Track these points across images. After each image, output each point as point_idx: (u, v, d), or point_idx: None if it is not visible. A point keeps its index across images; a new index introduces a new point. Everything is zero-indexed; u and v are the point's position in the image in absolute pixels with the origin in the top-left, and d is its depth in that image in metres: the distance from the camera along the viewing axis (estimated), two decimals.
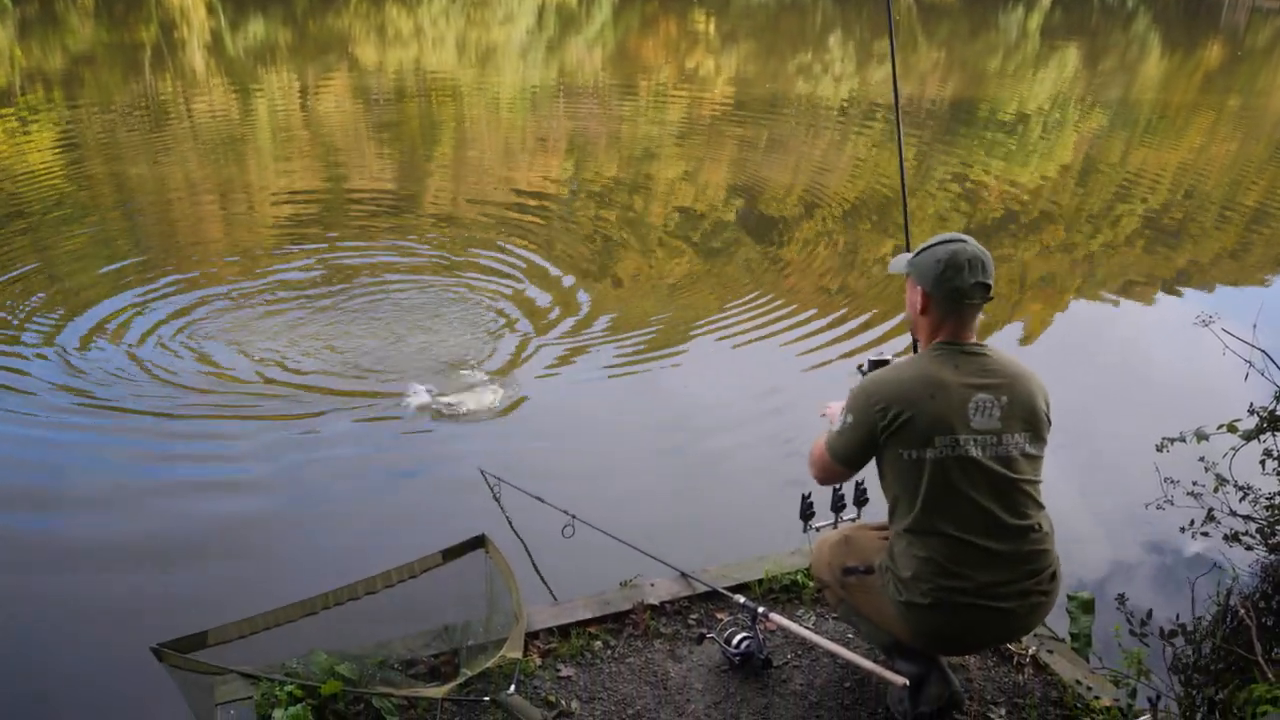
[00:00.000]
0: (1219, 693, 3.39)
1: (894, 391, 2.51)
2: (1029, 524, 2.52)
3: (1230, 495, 4.25)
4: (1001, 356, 2.57)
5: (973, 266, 2.48)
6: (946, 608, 2.52)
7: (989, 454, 2.48)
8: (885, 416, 2.49)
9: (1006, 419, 2.48)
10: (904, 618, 2.60)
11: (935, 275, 2.51)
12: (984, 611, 2.53)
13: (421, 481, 4.85)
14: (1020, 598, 2.54)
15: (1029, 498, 2.53)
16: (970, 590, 2.50)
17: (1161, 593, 4.23)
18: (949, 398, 2.47)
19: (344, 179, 10.93)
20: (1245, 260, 9.56)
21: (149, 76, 18.20)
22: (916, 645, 2.71)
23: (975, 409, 2.47)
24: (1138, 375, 6.33)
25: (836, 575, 2.82)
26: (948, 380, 2.49)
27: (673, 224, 9.52)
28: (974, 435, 2.47)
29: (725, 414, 5.52)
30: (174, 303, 6.76)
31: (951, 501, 2.49)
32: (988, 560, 2.50)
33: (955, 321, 2.55)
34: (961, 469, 2.47)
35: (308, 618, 2.97)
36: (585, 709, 2.87)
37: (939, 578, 2.51)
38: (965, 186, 11.52)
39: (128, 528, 4.37)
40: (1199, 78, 25.64)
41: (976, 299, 2.51)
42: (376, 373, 5.81)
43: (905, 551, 2.56)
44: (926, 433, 2.47)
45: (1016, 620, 2.61)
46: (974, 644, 2.85)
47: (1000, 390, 2.49)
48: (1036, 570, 2.55)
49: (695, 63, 22.55)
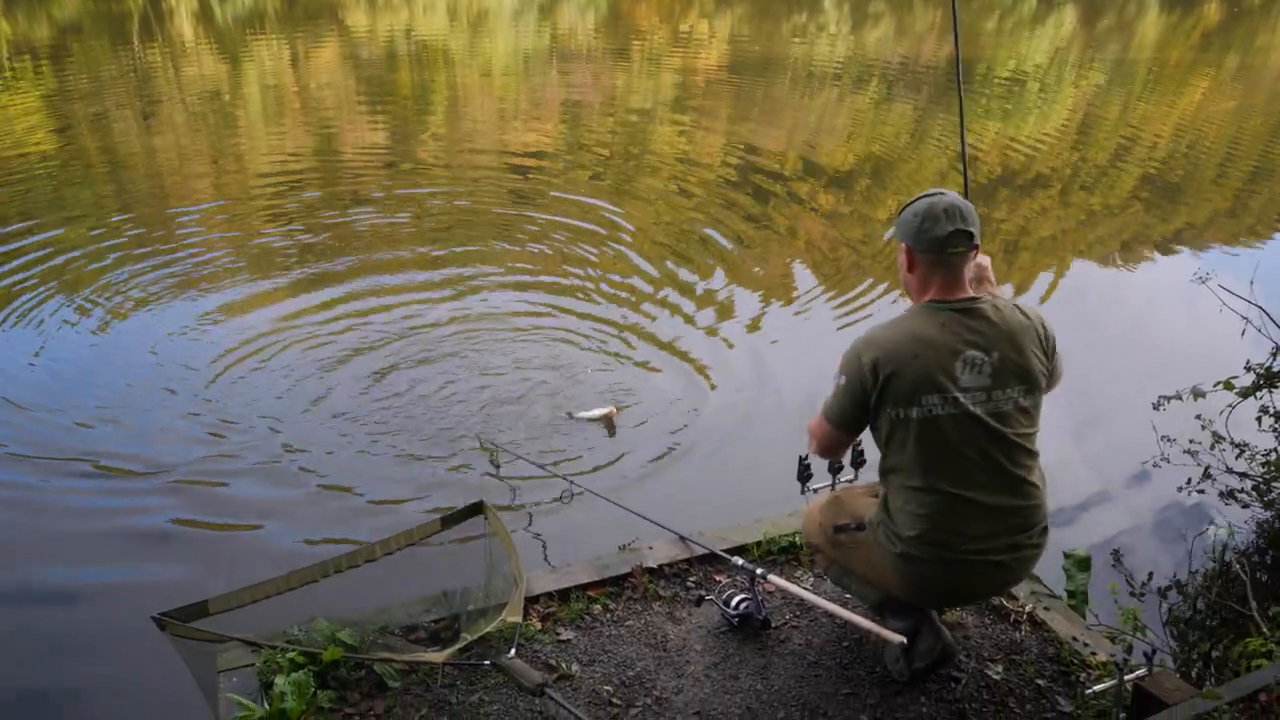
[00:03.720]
0: (1214, 648, 3.43)
1: (880, 350, 2.50)
2: (1022, 477, 2.53)
3: (1227, 453, 4.27)
4: (996, 309, 2.50)
5: (950, 214, 2.46)
6: (941, 561, 2.54)
7: (981, 410, 2.46)
8: (875, 375, 2.49)
9: (997, 374, 2.46)
10: (898, 570, 2.61)
11: (915, 229, 2.50)
12: (977, 564, 2.54)
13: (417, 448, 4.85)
14: (1012, 551, 2.56)
15: (1023, 450, 2.54)
16: (964, 544, 2.51)
17: (1158, 550, 4.25)
18: (936, 356, 2.45)
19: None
20: (1243, 219, 9.54)
21: (137, 45, 17.99)
22: (910, 598, 2.73)
23: (964, 365, 2.45)
24: (1135, 334, 6.33)
25: (828, 535, 2.83)
26: (934, 338, 2.47)
27: (664, 189, 9.46)
28: (963, 392, 2.45)
29: (721, 379, 5.52)
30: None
31: (944, 458, 2.49)
32: (981, 515, 2.50)
33: (942, 275, 2.51)
34: (954, 425, 2.46)
35: (308, 585, 2.98)
36: (585, 671, 2.89)
37: (934, 532, 2.51)
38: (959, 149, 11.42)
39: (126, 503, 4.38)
40: (1197, 36, 25.44)
41: (960, 247, 2.47)
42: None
43: (901, 507, 2.57)
44: (911, 392, 2.46)
45: (1007, 573, 2.63)
46: (966, 596, 2.86)
47: (991, 346, 2.46)
48: (1028, 525, 2.57)
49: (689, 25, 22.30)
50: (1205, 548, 4.19)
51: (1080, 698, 2.77)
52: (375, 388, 5.25)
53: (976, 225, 2.50)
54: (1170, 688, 2.55)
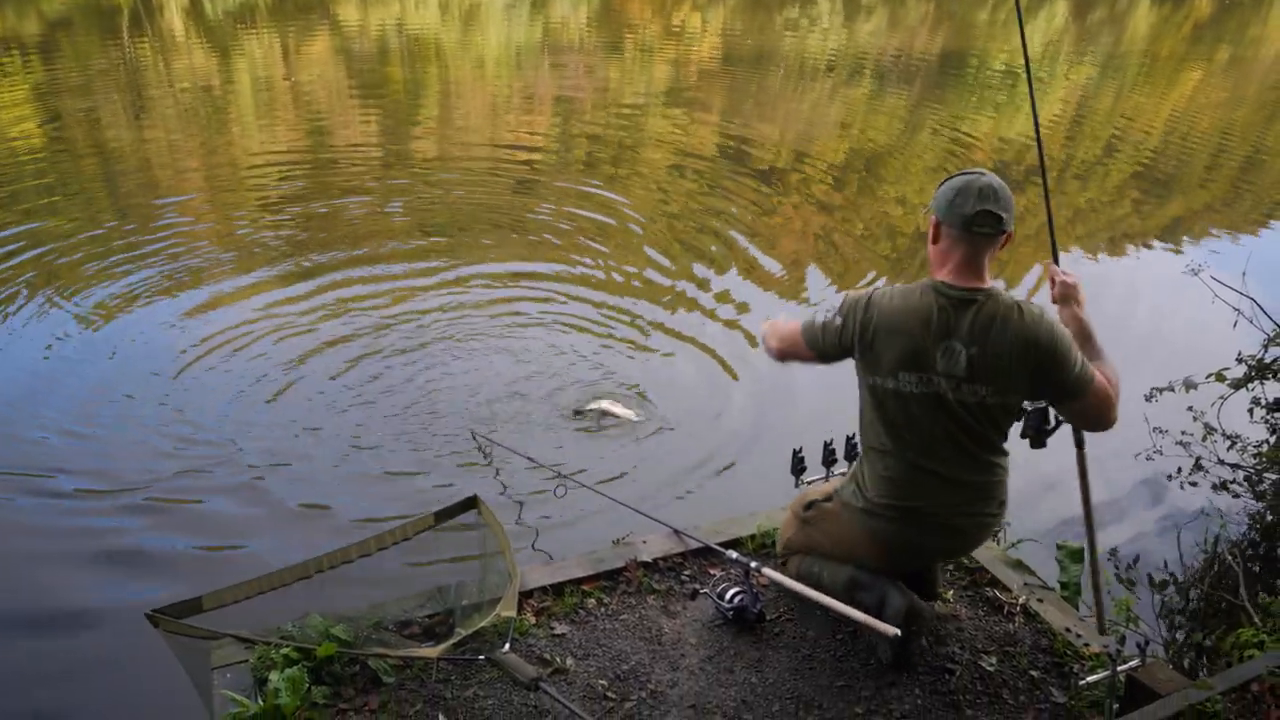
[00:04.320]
0: (1206, 638, 3.44)
1: (879, 318, 2.57)
2: (986, 460, 2.65)
3: (1219, 444, 4.28)
4: (995, 311, 2.50)
5: (983, 194, 2.46)
6: (901, 518, 2.70)
7: (952, 396, 2.53)
8: (864, 337, 2.59)
9: (972, 368, 2.50)
10: (862, 526, 2.77)
11: (947, 202, 2.51)
12: (935, 524, 2.70)
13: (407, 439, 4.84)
14: (969, 517, 2.71)
15: (987, 441, 2.63)
16: (926, 508, 2.68)
17: (1150, 541, 4.27)
18: (922, 338, 2.52)
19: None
20: (1234, 211, 9.56)
21: (126, 41, 17.90)
22: (873, 558, 2.83)
23: (944, 353, 2.51)
24: (1127, 325, 6.34)
25: (798, 516, 3.01)
26: (926, 321, 2.51)
27: (658, 181, 9.45)
28: (937, 375, 2.52)
29: (712, 374, 5.52)
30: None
31: (912, 430, 2.61)
32: (942, 486, 2.65)
33: (963, 253, 2.52)
34: (921, 404, 2.57)
35: (302, 581, 2.97)
36: (580, 665, 2.89)
37: (896, 493, 2.69)
38: (956, 140, 11.45)
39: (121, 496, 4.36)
40: (1188, 28, 25.47)
41: (986, 228, 2.47)
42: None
43: (870, 468, 2.74)
44: (892, 366, 2.55)
45: (963, 537, 2.80)
46: (926, 554, 2.92)
47: (973, 342, 2.49)
48: (987, 496, 2.70)
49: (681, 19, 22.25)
50: (1197, 539, 4.21)
51: (1074, 689, 2.78)
52: (366, 383, 5.24)
53: (1009, 212, 2.50)
54: (1163, 678, 2.56)
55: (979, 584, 3.29)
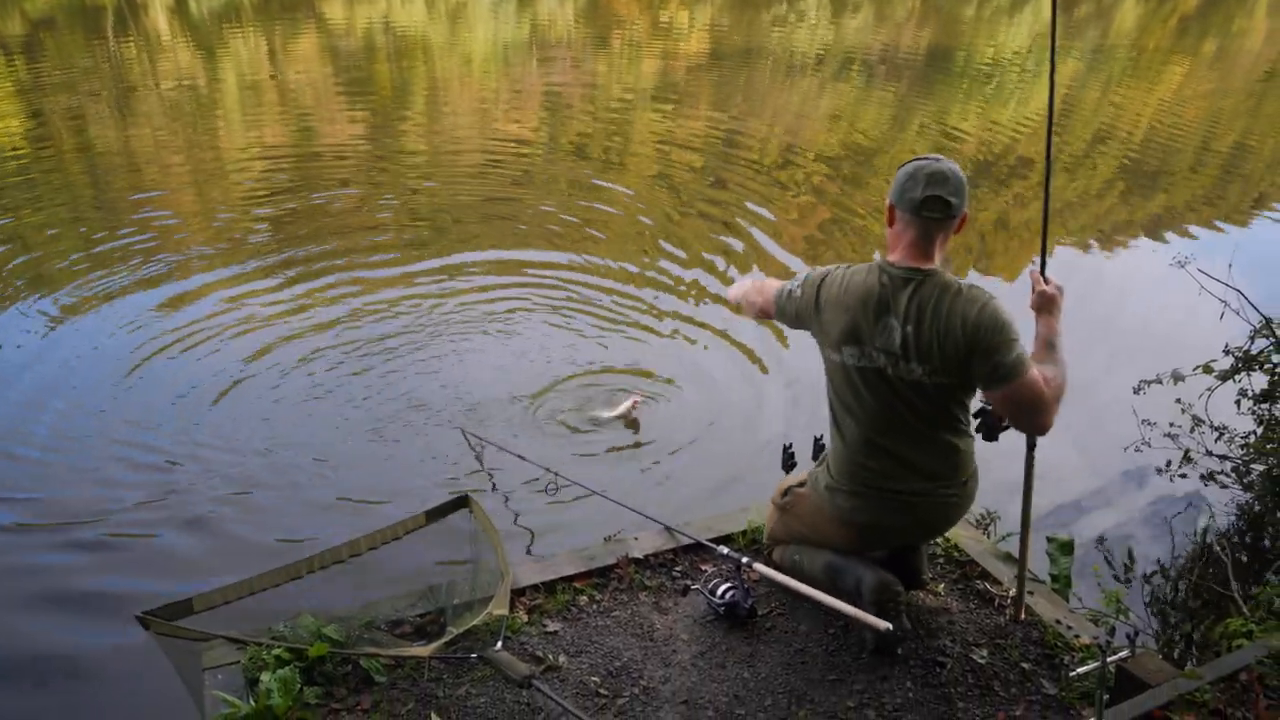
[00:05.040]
0: (1195, 629, 3.46)
1: (831, 294, 2.70)
2: (940, 441, 2.70)
3: (1207, 435, 4.30)
4: (933, 290, 2.57)
5: (932, 180, 2.54)
6: (858, 493, 2.79)
7: (892, 371, 2.62)
8: (817, 310, 2.74)
9: (906, 346, 2.58)
10: (829, 504, 2.87)
11: (899, 187, 2.61)
12: (897, 503, 2.75)
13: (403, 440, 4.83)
14: (923, 495, 2.75)
15: (936, 420, 2.67)
16: (882, 485, 2.74)
17: (1140, 533, 4.29)
18: (864, 314, 2.62)
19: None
20: (1221, 203, 9.60)
21: (111, 40, 17.80)
22: (841, 539, 2.90)
23: (881, 329, 2.60)
24: (1115, 318, 6.37)
25: (778, 503, 3.11)
26: (869, 297, 2.61)
27: (647, 176, 9.45)
28: (875, 350, 2.62)
29: (703, 371, 5.52)
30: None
31: (861, 405, 2.71)
32: (891, 461, 2.71)
33: (913, 235, 2.60)
34: (863, 377, 2.67)
35: (293, 582, 2.97)
36: (573, 662, 2.89)
37: (854, 470, 2.77)
38: (943, 135, 11.47)
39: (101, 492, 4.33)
40: (1174, 21, 25.57)
41: (936, 213, 2.55)
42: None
43: (832, 446, 2.86)
44: (838, 340, 2.68)
45: (929, 516, 2.82)
46: (894, 533, 2.93)
47: (909, 320, 2.57)
48: (941, 474, 2.73)
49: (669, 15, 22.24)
50: (1186, 530, 4.23)
51: (1064, 680, 2.79)
52: (357, 379, 5.23)
53: (959, 197, 2.57)
54: (1153, 669, 2.57)
55: (969, 577, 3.30)
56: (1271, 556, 3.84)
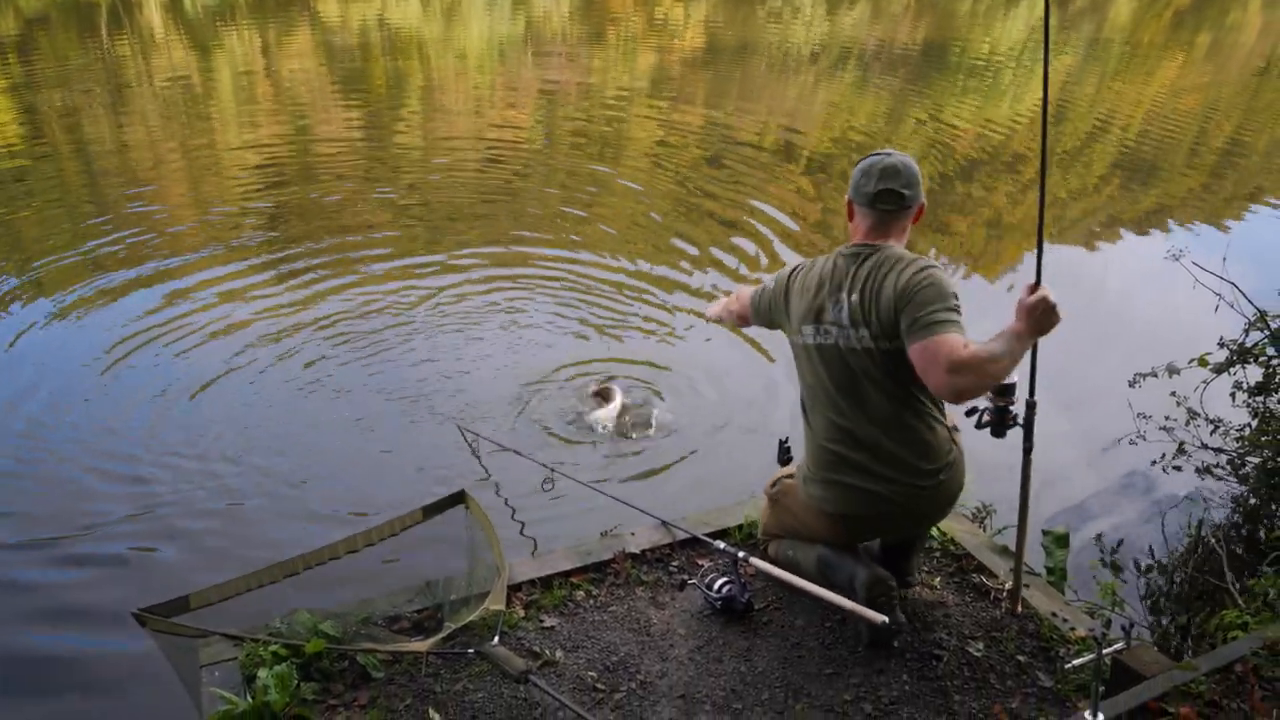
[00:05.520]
0: (1190, 621, 3.47)
1: (796, 281, 2.84)
2: (904, 423, 2.70)
3: (1201, 428, 4.31)
4: (881, 260, 2.66)
5: (884, 174, 2.67)
6: (828, 481, 2.82)
7: (842, 344, 2.69)
8: (786, 295, 2.86)
9: (852, 315, 2.66)
10: (807, 495, 2.91)
11: (854, 182, 2.76)
12: (861, 491, 2.77)
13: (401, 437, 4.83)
14: (890, 482, 2.73)
15: (896, 397, 2.68)
16: (847, 470, 2.77)
17: (1135, 525, 4.30)
18: (820, 292, 2.74)
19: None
20: (1215, 196, 9.61)
21: (105, 38, 17.75)
22: (826, 530, 2.91)
23: (835, 304, 2.70)
24: (1109, 311, 6.37)
25: (768, 494, 3.14)
26: (826, 277, 2.75)
27: (642, 172, 9.44)
28: (829, 324, 2.71)
29: (700, 369, 5.51)
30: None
31: (820, 386, 2.78)
32: (855, 446, 2.74)
33: (869, 225, 2.74)
34: (821, 355, 2.74)
35: (290, 578, 2.97)
36: (569, 657, 2.89)
37: (820, 453, 2.82)
38: (938, 130, 11.47)
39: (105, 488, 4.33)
40: (1169, 15, 25.58)
41: (890, 205, 2.69)
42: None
43: (804, 432, 2.91)
44: (798, 321, 2.80)
45: (905, 504, 2.77)
46: (872, 522, 2.89)
47: (853, 289, 2.66)
48: (911, 465, 2.71)
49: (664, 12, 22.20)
50: (1181, 523, 4.24)
51: (1059, 672, 2.80)
52: (353, 374, 5.23)
53: (912, 188, 2.70)
54: (1148, 660, 2.57)
55: (965, 570, 3.31)
56: (1266, 549, 3.84)
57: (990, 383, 2.50)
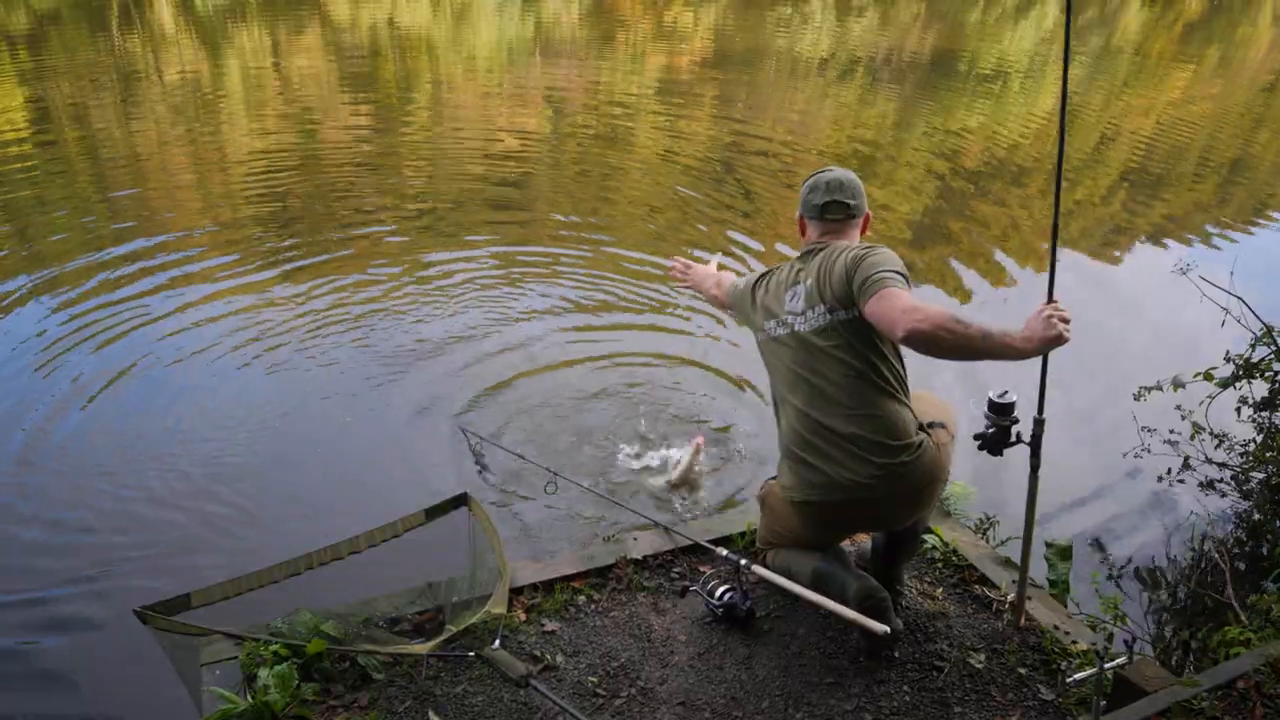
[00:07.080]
0: (1193, 636, 3.46)
1: (765, 284, 2.95)
2: (858, 395, 2.70)
3: (1206, 443, 4.30)
4: (834, 249, 2.78)
5: (829, 187, 2.85)
6: (796, 469, 2.85)
7: (805, 329, 2.76)
8: (753, 295, 2.98)
9: (809, 297, 2.77)
10: (781, 486, 2.95)
11: (803, 197, 2.93)
12: (825, 470, 2.76)
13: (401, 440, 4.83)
14: (849, 463, 2.72)
15: (838, 363, 2.71)
16: (809, 449, 2.79)
17: (1138, 539, 4.28)
18: (778, 289, 2.87)
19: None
20: (1223, 210, 9.59)
21: (116, 35, 17.81)
22: (805, 529, 2.93)
23: (790, 296, 2.83)
24: (1116, 324, 6.36)
25: (759, 499, 3.17)
26: (784, 280, 2.88)
27: (648, 177, 9.45)
28: (787, 314, 2.82)
29: (705, 372, 5.51)
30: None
31: (781, 374, 2.86)
32: (813, 425, 2.76)
33: (818, 235, 2.90)
34: (782, 344, 2.83)
35: (292, 578, 2.97)
36: (570, 662, 2.89)
37: (791, 445, 2.85)
38: (946, 140, 11.47)
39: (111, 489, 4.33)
40: (1178, 28, 25.57)
41: (837, 215, 2.86)
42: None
43: (778, 427, 2.95)
44: (762, 318, 2.91)
45: (867, 482, 2.71)
46: (837, 511, 2.86)
47: (809, 275, 2.79)
48: (867, 441, 2.69)
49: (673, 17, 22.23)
50: (1185, 537, 4.23)
51: (1061, 686, 2.79)
52: (359, 374, 5.23)
53: (857, 199, 2.87)
54: (1150, 675, 2.57)
55: (968, 581, 3.30)
56: (1269, 565, 3.84)
57: (949, 338, 2.35)
